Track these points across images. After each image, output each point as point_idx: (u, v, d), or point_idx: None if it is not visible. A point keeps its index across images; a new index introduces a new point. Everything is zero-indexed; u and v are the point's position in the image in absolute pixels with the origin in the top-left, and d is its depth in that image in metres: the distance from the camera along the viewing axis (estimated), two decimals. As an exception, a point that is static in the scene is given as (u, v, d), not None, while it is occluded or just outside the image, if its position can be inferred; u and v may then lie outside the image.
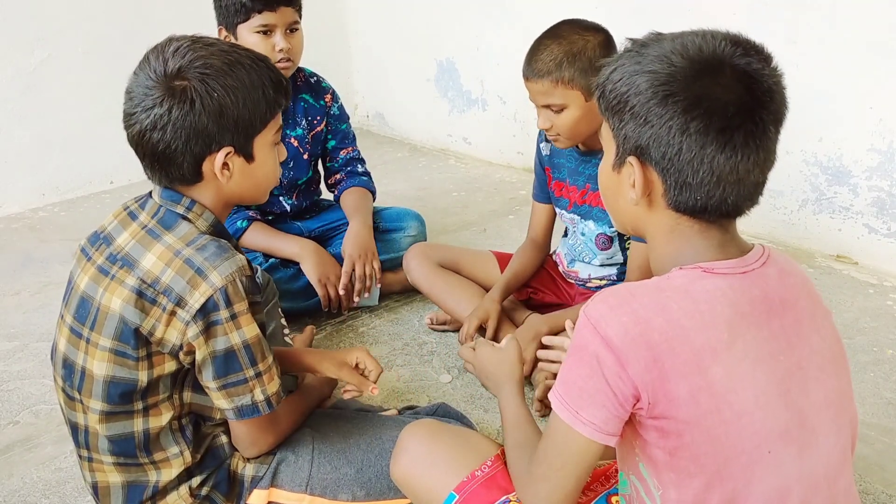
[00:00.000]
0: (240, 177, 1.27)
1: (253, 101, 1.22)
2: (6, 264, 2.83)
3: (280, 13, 2.04)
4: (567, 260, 2.09)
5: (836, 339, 1.02)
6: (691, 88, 0.90)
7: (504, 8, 3.43)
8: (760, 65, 0.92)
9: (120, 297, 1.21)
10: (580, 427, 0.94)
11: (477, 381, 1.99)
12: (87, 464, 1.32)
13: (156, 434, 1.28)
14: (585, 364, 0.93)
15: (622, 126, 0.96)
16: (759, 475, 0.92)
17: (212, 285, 1.18)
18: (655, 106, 0.91)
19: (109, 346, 1.22)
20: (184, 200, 1.26)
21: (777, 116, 0.93)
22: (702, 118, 0.90)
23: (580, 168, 1.94)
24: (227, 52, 1.23)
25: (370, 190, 2.41)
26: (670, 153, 0.92)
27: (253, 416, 1.27)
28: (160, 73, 1.19)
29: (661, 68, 0.92)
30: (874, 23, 2.36)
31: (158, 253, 1.21)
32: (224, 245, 1.23)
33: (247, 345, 1.23)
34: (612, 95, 0.97)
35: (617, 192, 1.02)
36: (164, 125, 1.18)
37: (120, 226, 1.29)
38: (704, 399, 0.90)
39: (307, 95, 2.32)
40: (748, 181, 0.94)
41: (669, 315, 0.91)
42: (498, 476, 1.17)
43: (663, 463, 0.94)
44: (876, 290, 2.42)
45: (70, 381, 1.27)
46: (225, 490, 1.35)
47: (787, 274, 0.99)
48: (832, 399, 0.97)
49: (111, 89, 3.46)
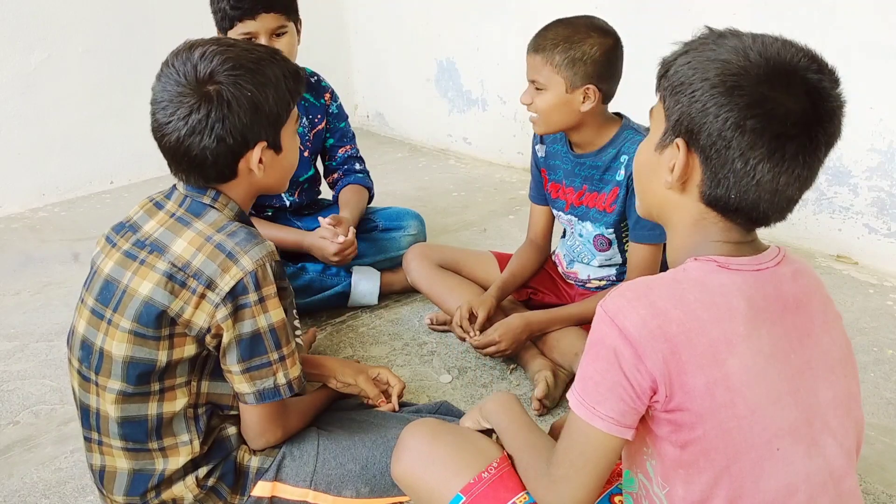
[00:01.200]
0: (270, 169, 1.32)
1: (279, 94, 1.27)
2: (6, 264, 2.83)
3: (260, 20, 2.04)
4: (566, 261, 2.10)
5: (845, 341, 1.02)
6: (759, 87, 0.89)
7: (504, 8, 3.43)
8: (830, 85, 0.91)
9: (151, 281, 1.24)
10: (598, 422, 0.94)
11: (477, 381, 1.99)
12: (97, 447, 1.34)
13: (169, 419, 1.30)
14: (603, 358, 0.93)
15: (678, 107, 0.94)
16: (767, 472, 0.92)
17: (242, 269, 1.22)
18: (719, 94, 0.90)
19: (129, 327, 1.25)
20: (209, 192, 1.30)
21: (830, 140, 0.92)
22: (760, 119, 0.88)
23: (576, 170, 1.95)
24: (250, 51, 1.27)
25: (366, 187, 2.42)
26: (719, 145, 0.91)
27: (274, 399, 1.30)
28: (191, 79, 1.22)
29: (736, 59, 0.90)
30: (874, 23, 2.36)
31: (189, 238, 1.25)
32: (253, 231, 1.28)
33: (272, 328, 1.26)
34: (676, 76, 0.95)
35: (653, 172, 1.01)
36: (202, 130, 1.21)
37: (146, 215, 1.32)
38: (720, 392, 0.90)
39: (308, 94, 2.34)
40: (784, 194, 0.93)
41: (686, 306, 0.91)
42: (506, 478, 1.16)
43: (673, 458, 0.94)
44: (876, 290, 2.42)
45: (87, 363, 1.30)
46: (231, 481, 1.37)
47: (801, 274, 0.99)
48: (840, 400, 0.98)
49: (111, 89, 3.48)
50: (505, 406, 1.27)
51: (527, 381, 1.97)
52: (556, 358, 1.94)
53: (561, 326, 1.96)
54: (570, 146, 1.94)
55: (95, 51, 3.33)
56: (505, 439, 1.23)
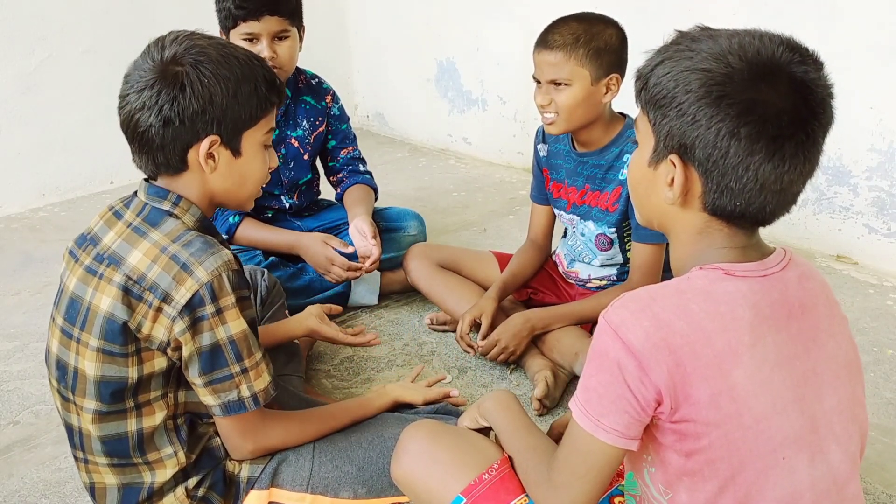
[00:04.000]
0: (225, 170, 1.27)
1: (244, 94, 1.23)
2: (6, 264, 2.83)
3: (263, 22, 2.04)
4: (567, 260, 2.10)
5: (851, 345, 1.01)
6: (747, 92, 0.87)
7: (504, 8, 3.43)
8: (816, 74, 0.90)
9: (109, 296, 1.21)
10: (602, 435, 0.93)
11: (477, 381, 1.99)
12: (84, 465, 1.33)
13: (149, 434, 1.28)
14: (606, 370, 0.92)
15: (665, 122, 0.92)
16: (772, 481, 0.92)
17: (197, 280, 1.18)
18: (707, 106, 0.88)
19: (97, 345, 1.22)
20: (170, 196, 1.26)
21: (826, 128, 0.91)
22: (754, 124, 0.87)
23: (578, 169, 1.95)
24: (224, 46, 1.24)
25: (372, 187, 2.41)
26: (716, 156, 0.89)
27: (240, 412, 1.26)
28: (157, 60, 1.21)
29: (717, 67, 0.88)
30: (875, 23, 2.36)
31: (145, 250, 1.22)
32: (210, 240, 1.23)
33: (232, 340, 1.22)
34: (656, 89, 0.93)
35: (650, 187, 0.99)
36: (151, 107, 1.19)
37: (106, 226, 1.29)
38: (725, 403, 0.89)
39: (309, 97, 2.33)
40: (790, 191, 0.92)
41: (691, 317, 0.90)
42: (506, 479, 1.16)
43: (677, 466, 0.93)
44: (876, 290, 2.42)
45: (64, 382, 1.28)
46: (221, 491, 1.35)
47: (807, 278, 0.98)
48: (845, 406, 0.97)
49: (111, 89, 3.45)
50: (503, 405, 1.26)
51: (527, 381, 1.97)
52: (556, 358, 1.94)
53: (562, 324, 1.95)
54: (573, 145, 1.94)
55: (95, 51, 3.34)
56: (504, 439, 1.22)
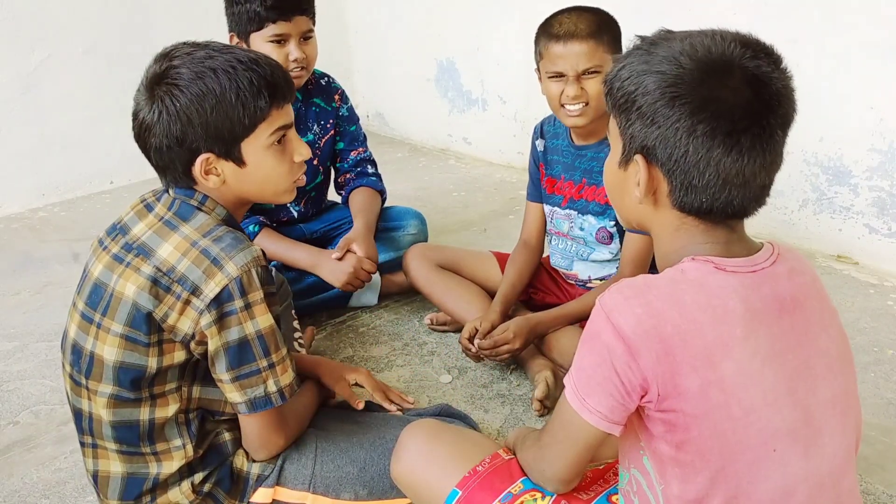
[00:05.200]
0: (235, 181, 1.29)
1: (226, 107, 1.22)
2: (6, 264, 2.83)
3: (295, 22, 2.02)
4: (565, 263, 2.08)
5: (843, 338, 1.02)
6: (699, 91, 0.90)
7: (504, 8, 3.43)
8: (770, 67, 0.92)
9: (135, 284, 1.23)
10: (586, 415, 0.96)
11: (477, 381, 1.99)
12: (91, 450, 1.34)
13: (161, 424, 1.30)
14: (596, 353, 0.94)
15: (629, 125, 0.96)
16: (764, 473, 0.92)
17: (227, 275, 1.20)
18: (663, 107, 0.92)
19: (121, 331, 1.24)
20: (196, 195, 1.29)
21: (785, 120, 0.93)
22: (708, 121, 0.90)
23: (576, 163, 1.94)
24: (202, 60, 1.23)
25: (378, 190, 2.34)
26: (676, 154, 0.92)
27: (266, 408, 1.28)
28: (148, 78, 1.25)
29: (670, 69, 0.92)
30: (875, 22, 2.36)
31: (175, 243, 1.24)
32: (240, 236, 1.26)
33: (260, 335, 1.24)
34: (619, 93, 0.97)
35: (622, 189, 1.03)
36: (150, 127, 1.24)
37: (136, 217, 1.31)
38: (714, 394, 0.90)
39: (319, 100, 2.28)
40: (754, 184, 0.94)
41: (683, 308, 0.91)
42: (500, 469, 1.18)
43: (668, 457, 0.94)
44: (876, 291, 2.42)
45: (78, 367, 1.29)
46: (227, 487, 1.36)
47: (797, 273, 0.99)
48: (838, 399, 0.98)
49: (111, 89, 3.48)
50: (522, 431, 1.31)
51: (527, 382, 1.97)
52: (556, 358, 1.93)
53: (565, 324, 1.95)
54: (572, 139, 1.94)
55: (95, 51, 3.34)
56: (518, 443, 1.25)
